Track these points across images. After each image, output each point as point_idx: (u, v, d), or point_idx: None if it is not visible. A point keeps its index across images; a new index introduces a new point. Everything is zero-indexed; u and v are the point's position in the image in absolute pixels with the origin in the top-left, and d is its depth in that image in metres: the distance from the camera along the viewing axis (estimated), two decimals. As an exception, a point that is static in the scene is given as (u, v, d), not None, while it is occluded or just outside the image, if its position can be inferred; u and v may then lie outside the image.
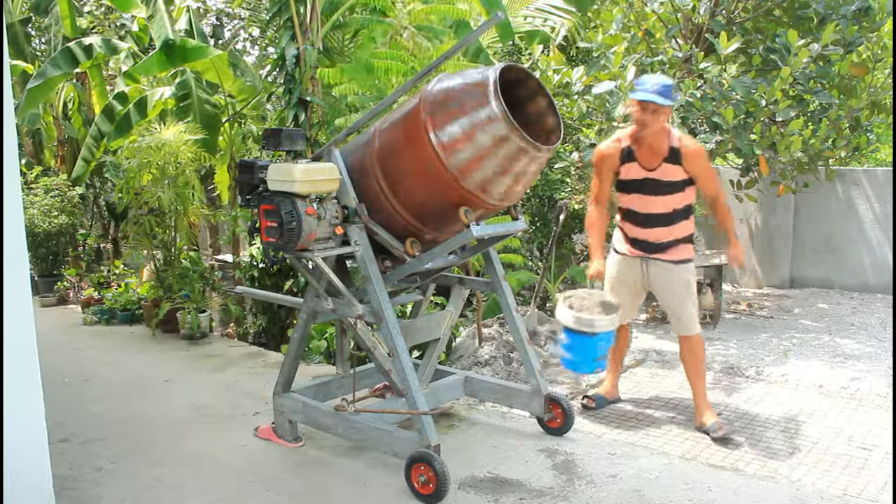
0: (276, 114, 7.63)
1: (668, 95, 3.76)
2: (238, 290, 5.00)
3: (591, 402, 4.37)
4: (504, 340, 5.33)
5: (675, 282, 4.02)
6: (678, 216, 3.97)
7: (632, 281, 4.15)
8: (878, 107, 5.99)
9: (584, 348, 3.86)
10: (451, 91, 3.13)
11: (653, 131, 3.82)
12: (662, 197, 3.94)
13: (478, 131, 3.03)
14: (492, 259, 3.84)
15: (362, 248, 3.39)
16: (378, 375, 4.08)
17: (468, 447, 3.73)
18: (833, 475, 3.50)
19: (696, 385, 4.07)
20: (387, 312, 3.33)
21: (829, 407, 4.39)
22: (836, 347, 5.53)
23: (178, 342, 6.14)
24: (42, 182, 8.72)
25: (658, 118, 3.77)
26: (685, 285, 4.02)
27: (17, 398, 2.71)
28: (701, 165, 3.90)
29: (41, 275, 8.60)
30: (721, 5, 6.16)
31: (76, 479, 3.47)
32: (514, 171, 3.14)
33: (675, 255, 4.00)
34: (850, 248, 7.52)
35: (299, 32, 5.96)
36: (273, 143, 3.50)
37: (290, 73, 5.95)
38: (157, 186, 6.25)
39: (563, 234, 7.66)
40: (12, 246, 2.67)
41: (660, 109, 3.75)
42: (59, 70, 7.35)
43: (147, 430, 4.11)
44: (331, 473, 3.48)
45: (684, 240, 4.03)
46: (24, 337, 2.74)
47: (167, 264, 6.71)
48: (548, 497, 3.19)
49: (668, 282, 4.04)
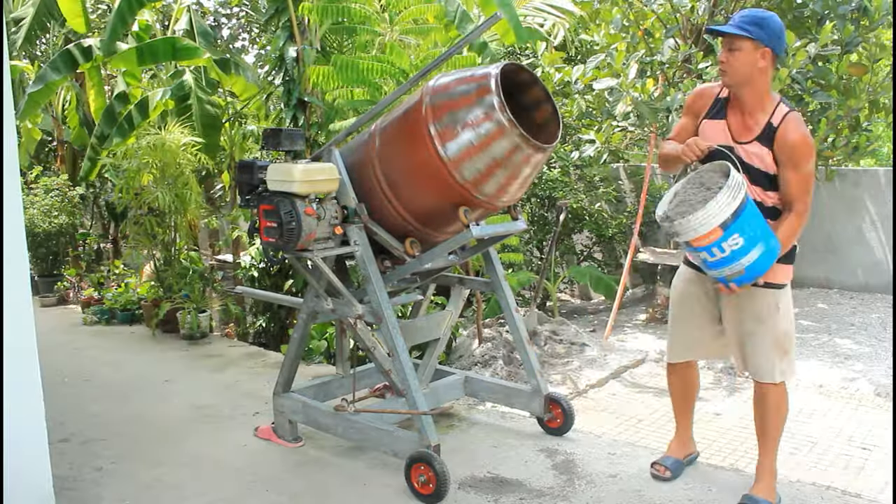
0: (276, 114, 7.64)
1: (754, 26, 2.74)
2: (238, 290, 5.00)
3: (663, 470, 3.33)
4: (504, 340, 5.33)
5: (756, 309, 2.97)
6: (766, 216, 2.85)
7: (701, 303, 3.15)
8: (877, 107, 6.00)
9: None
10: (452, 89, 3.12)
11: (736, 81, 2.82)
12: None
13: (479, 130, 3.03)
14: (492, 259, 3.84)
15: (362, 248, 3.39)
16: (378, 375, 4.08)
17: (468, 447, 3.73)
18: (833, 475, 3.50)
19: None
20: (386, 312, 3.33)
21: (828, 407, 4.39)
22: (835, 347, 5.53)
23: (178, 342, 6.14)
24: (42, 182, 8.72)
25: (740, 61, 2.77)
26: (770, 315, 2.95)
27: (17, 398, 2.71)
28: (796, 160, 2.78)
29: (41, 275, 8.60)
30: (720, 5, 6.16)
31: (76, 479, 3.47)
32: (514, 170, 3.14)
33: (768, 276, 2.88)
34: (850, 248, 7.52)
35: (298, 33, 5.96)
36: (273, 143, 3.50)
37: (288, 73, 5.95)
38: (158, 187, 6.26)
39: (563, 233, 7.67)
40: (12, 246, 2.67)
41: (744, 47, 2.75)
42: (59, 74, 7.35)
43: (147, 430, 4.10)
44: (331, 473, 3.48)
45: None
46: (24, 337, 2.74)
47: (167, 264, 6.72)
48: (548, 497, 3.19)
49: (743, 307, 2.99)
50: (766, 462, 3.08)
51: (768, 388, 3.01)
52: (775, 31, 2.78)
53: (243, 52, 10.92)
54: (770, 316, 2.95)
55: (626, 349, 5.66)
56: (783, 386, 3.02)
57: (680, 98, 5.47)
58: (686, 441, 3.45)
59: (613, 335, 6.01)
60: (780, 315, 2.96)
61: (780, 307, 2.97)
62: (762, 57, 2.77)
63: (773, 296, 2.95)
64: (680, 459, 3.39)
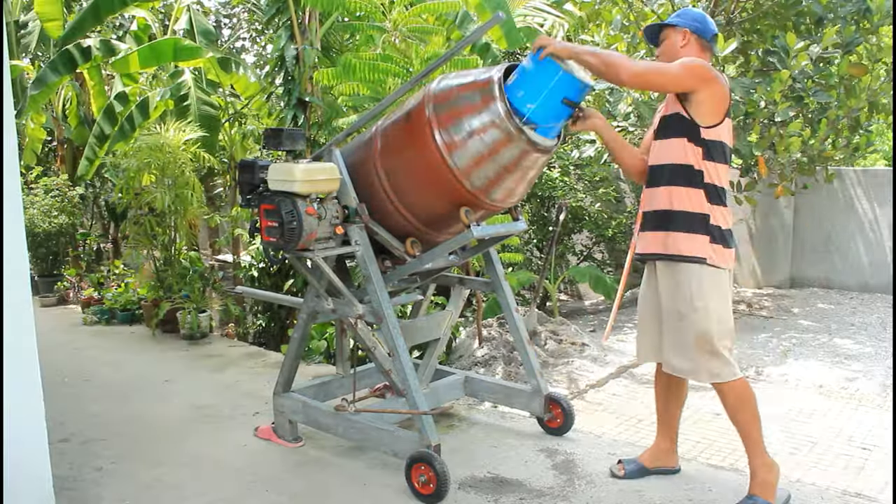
0: (276, 114, 7.64)
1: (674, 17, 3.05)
2: (238, 290, 5.00)
3: (620, 468, 3.34)
4: (504, 340, 5.33)
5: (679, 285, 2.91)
6: (676, 174, 2.92)
7: (652, 302, 3.11)
8: (877, 107, 6.00)
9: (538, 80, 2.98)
10: (455, 90, 3.12)
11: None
12: (661, 142, 3.01)
13: (481, 131, 3.03)
14: (492, 259, 3.84)
15: (362, 247, 3.39)
16: (378, 375, 4.08)
17: (468, 447, 3.72)
18: (833, 475, 3.50)
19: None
20: (387, 312, 3.33)
21: (829, 407, 4.39)
22: (835, 347, 5.53)
23: (178, 342, 6.14)
24: (42, 182, 8.73)
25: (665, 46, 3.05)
26: (692, 296, 2.87)
27: (17, 398, 2.71)
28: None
29: (41, 275, 8.60)
30: (720, 6, 6.16)
31: (76, 479, 3.47)
32: (516, 171, 3.14)
33: (676, 246, 2.90)
34: (850, 248, 7.53)
35: (298, 33, 5.96)
36: (274, 143, 3.50)
37: (289, 73, 5.96)
38: (158, 187, 6.26)
39: (563, 233, 7.67)
40: (12, 246, 2.67)
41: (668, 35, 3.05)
42: (58, 74, 7.35)
43: (147, 430, 4.10)
44: (331, 473, 3.48)
45: (685, 219, 2.89)
46: (24, 337, 2.74)
47: (167, 264, 6.72)
48: (548, 497, 3.19)
49: (669, 287, 2.96)
50: (753, 458, 2.99)
51: (719, 387, 2.94)
52: (692, 16, 3.03)
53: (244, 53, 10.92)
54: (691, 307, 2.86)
55: (626, 349, 5.66)
56: (737, 381, 2.91)
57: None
58: (661, 452, 3.32)
59: (613, 335, 6.01)
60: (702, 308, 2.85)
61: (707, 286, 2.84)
62: (683, 37, 3.00)
63: (696, 275, 2.85)
64: (645, 467, 3.31)
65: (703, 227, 2.89)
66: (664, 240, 2.95)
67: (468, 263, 4.13)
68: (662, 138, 3.00)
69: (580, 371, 5.15)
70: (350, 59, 5.01)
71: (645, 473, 3.31)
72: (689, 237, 2.88)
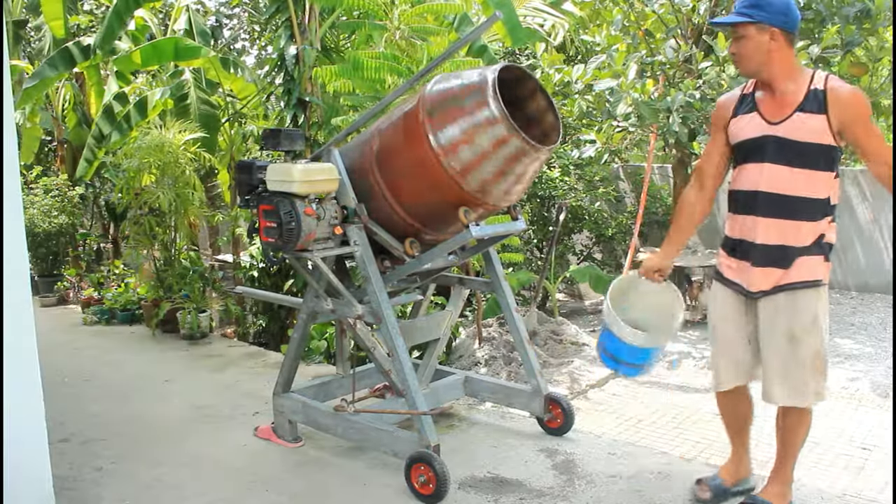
0: (275, 113, 7.64)
1: (753, 9, 2.62)
2: (238, 290, 5.00)
3: (704, 490, 3.08)
4: (504, 340, 5.33)
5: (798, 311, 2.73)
6: (815, 207, 2.68)
7: (738, 323, 2.90)
8: (877, 109, 5.99)
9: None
10: (450, 92, 3.12)
11: (751, 69, 2.70)
12: (791, 169, 2.66)
13: (477, 133, 3.03)
14: (492, 259, 3.84)
15: (362, 248, 3.39)
16: (378, 375, 4.08)
17: (468, 447, 3.72)
18: (833, 475, 3.50)
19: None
20: (386, 313, 3.33)
21: (829, 407, 4.39)
22: (835, 347, 5.53)
23: (178, 342, 6.14)
24: (42, 182, 8.73)
25: (748, 47, 2.66)
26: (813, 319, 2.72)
27: (17, 398, 2.71)
28: (860, 110, 2.62)
29: (41, 275, 8.61)
30: (721, 6, 6.16)
31: (76, 479, 3.47)
32: (513, 171, 3.14)
33: (803, 273, 2.72)
34: (849, 248, 7.53)
35: (298, 32, 5.96)
36: (272, 144, 3.50)
37: (289, 73, 5.95)
38: (158, 187, 6.25)
39: (563, 233, 7.67)
40: (12, 246, 2.67)
41: (748, 33, 2.64)
42: (56, 71, 7.34)
43: (147, 430, 4.10)
44: (331, 473, 3.48)
45: (816, 247, 2.73)
46: (24, 337, 2.74)
47: (167, 264, 6.72)
48: (548, 497, 3.19)
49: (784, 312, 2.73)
50: (781, 469, 2.90)
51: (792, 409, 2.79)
52: (777, 8, 2.62)
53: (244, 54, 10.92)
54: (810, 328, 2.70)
55: (626, 349, 5.65)
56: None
57: (681, 98, 5.46)
58: (739, 466, 3.11)
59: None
60: (819, 327, 2.72)
61: (819, 315, 2.72)
62: (771, 38, 2.62)
63: (814, 298, 2.71)
64: (727, 486, 3.07)
65: (818, 247, 2.74)
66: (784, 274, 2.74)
67: (468, 263, 4.13)
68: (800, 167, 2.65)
69: (580, 371, 5.15)
70: (357, 56, 5.00)
71: (727, 493, 3.08)
72: (807, 260, 2.72)
